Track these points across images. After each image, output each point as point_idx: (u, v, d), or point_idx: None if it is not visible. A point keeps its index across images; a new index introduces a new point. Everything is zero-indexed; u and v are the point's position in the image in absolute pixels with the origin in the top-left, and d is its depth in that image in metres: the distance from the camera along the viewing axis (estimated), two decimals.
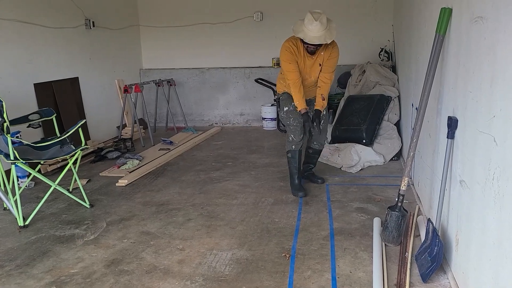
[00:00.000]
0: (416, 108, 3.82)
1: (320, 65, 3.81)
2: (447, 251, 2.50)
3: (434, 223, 2.59)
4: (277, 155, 5.30)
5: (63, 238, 3.20)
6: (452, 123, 2.36)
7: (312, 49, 3.67)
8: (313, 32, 3.51)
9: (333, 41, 3.79)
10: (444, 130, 2.64)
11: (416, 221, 3.22)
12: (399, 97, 5.23)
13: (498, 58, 1.72)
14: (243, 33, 7.01)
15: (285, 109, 3.93)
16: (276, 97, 4.02)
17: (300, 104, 3.75)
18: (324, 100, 3.87)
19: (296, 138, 3.90)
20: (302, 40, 3.62)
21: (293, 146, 3.93)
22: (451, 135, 2.40)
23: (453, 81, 2.45)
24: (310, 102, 3.98)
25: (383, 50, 6.29)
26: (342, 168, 4.62)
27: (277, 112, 4.07)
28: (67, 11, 5.51)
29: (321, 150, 4.24)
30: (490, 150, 1.80)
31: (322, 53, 3.77)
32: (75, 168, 3.92)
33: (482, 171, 1.90)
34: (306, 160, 4.28)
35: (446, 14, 2.54)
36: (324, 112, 4.00)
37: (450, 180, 2.48)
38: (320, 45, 3.64)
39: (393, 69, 5.89)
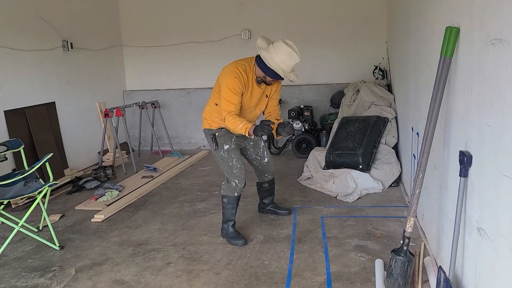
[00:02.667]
0: (417, 134, 3.53)
1: (267, 96, 3.42)
2: None
3: (447, 273, 2.24)
4: None
5: None
6: (466, 160, 2.04)
7: (271, 82, 3.27)
8: (290, 68, 3.13)
9: None
10: (453, 163, 2.33)
11: (423, 263, 2.88)
12: (396, 118, 4.93)
13: None
14: (231, 52, 6.67)
15: (226, 147, 3.33)
16: (210, 134, 3.37)
17: (244, 125, 3.10)
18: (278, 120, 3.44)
19: (240, 184, 3.34)
20: (259, 69, 3.20)
21: (236, 193, 3.37)
22: (464, 173, 2.08)
23: (464, 110, 2.13)
24: (245, 139, 3.52)
25: (377, 68, 6.01)
26: (337, 197, 4.27)
27: (213, 153, 3.45)
28: (41, 32, 5.18)
29: (274, 178, 3.84)
30: None
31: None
32: (44, 204, 3.55)
33: (511, 225, 1.57)
34: (265, 194, 3.87)
35: (452, 34, 2.24)
36: (262, 143, 3.66)
37: (464, 223, 2.15)
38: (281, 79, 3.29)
39: (389, 87, 5.61)
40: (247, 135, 3.13)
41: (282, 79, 3.25)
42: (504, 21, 1.61)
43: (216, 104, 3.32)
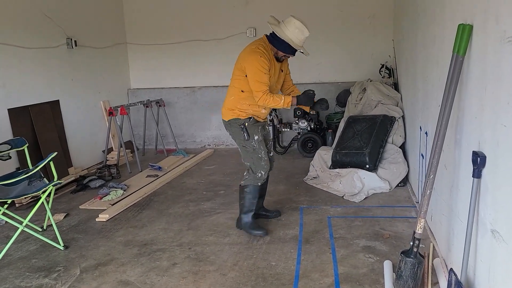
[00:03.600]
0: (426, 133, 3.48)
1: (282, 71, 3.45)
2: None
3: (459, 276, 2.20)
4: (273, 181, 4.87)
5: None
6: (479, 161, 1.99)
7: (282, 58, 3.34)
8: (300, 42, 3.22)
9: None
10: (465, 163, 2.29)
11: (433, 264, 2.83)
12: (403, 117, 4.88)
13: None
14: (236, 50, 6.53)
15: (256, 138, 3.34)
16: (240, 124, 3.33)
17: (286, 99, 3.21)
18: None
19: (265, 175, 3.44)
20: (273, 47, 3.26)
21: (259, 183, 3.44)
22: (477, 174, 2.03)
23: (478, 109, 2.08)
24: (264, 125, 3.53)
25: (384, 67, 5.95)
26: (344, 197, 4.23)
27: (241, 143, 3.39)
28: (46, 30, 5.15)
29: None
30: None
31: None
32: (48, 203, 3.52)
33: None
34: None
35: (465, 32, 2.18)
36: (271, 137, 3.74)
37: (477, 225, 2.10)
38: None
39: (395, 86, 5.55)
40: (289, 107, 3.24)
41: (293, 54, 3.30)
42: None
43: (242, 91, 3.30)
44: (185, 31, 6.76)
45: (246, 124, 3.32)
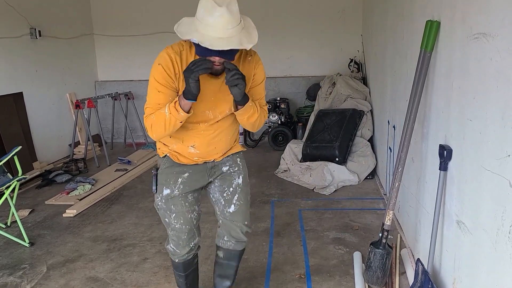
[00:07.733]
0: (394, 127, 3.56)
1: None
2: None
3: (426, 265, 2.27)
4: None
5: None
6: (446, 154, 2.06)
7: (218, 68, 1.80)
8: (216, 29, 1.68)
9: (255, 53, 2.02)
10: (432, 157, 2.36)
11: (400, 255, 2.91)
12: (371, 111, 4.97)
13: None
14: None
15: (165, 192, 2.07)
16: (153, 168, 2.16)
17: (169, 108, 1.83)
18: (251, 106, 1.92)
19: (180, 250, 2.14)
20: (197, 49, 1.82)
21: (177, 260, 2.20)
22: (443, 166, 2.10)
23: (444, 104, 2.14)
24: (214, 167, 2.13)
25: (353, 61, 6.04)
26: (314, 190, 4.28)
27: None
28: (7, 19, 4.94)
29: (241, 251, 2.28)
30: (504, 195, 1.48)
31: None
32: (12, 199, 3.40)
33: (492, 219, 1.58)
34: (217, 271, 2.35)
35: (433, 28, 2.24)
36: (241, 180, 2.17)
37: (443, 217, 2.17)
38: (231, 55, 1.80)
39: (364, 81, 5.65)
40: (182, 113, 1.83)
41: (214, 53, 1.71)
42: (489, 16, 1.61)
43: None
44: (154, 22, 6.61)
45: (158, 170, 2.11)
